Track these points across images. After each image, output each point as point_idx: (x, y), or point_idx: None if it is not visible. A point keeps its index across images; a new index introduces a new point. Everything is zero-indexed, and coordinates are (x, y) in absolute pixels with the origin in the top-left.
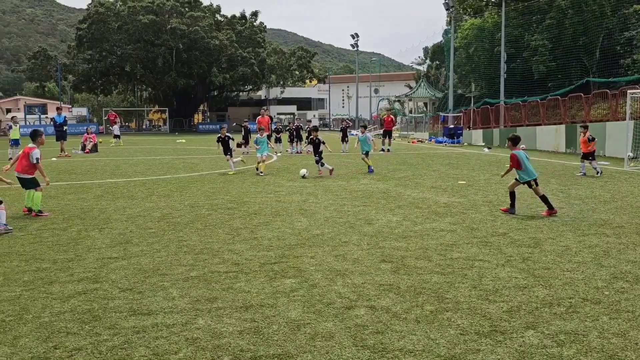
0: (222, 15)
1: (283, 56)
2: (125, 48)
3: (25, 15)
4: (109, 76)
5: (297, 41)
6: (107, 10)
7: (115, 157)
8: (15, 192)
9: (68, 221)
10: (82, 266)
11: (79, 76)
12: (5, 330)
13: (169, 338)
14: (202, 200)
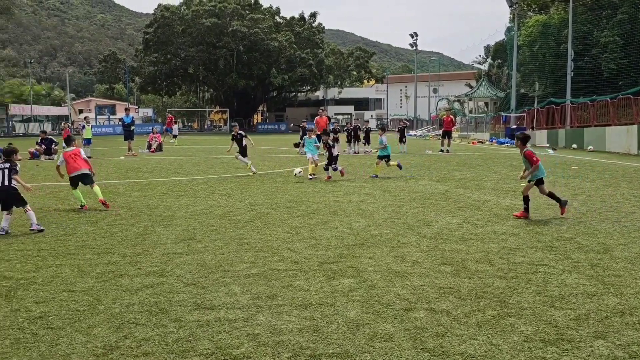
0: (281, 17)
1: (341, 57)
2: (188, 50)
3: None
4: (173, 78)
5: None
6: (172, 14)
7: (178, 156)
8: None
9: (136, 217)
10: (149, 261)
11: (145, 78)
12: (80, 319)
13: (231, 333)
14: (261, 199)
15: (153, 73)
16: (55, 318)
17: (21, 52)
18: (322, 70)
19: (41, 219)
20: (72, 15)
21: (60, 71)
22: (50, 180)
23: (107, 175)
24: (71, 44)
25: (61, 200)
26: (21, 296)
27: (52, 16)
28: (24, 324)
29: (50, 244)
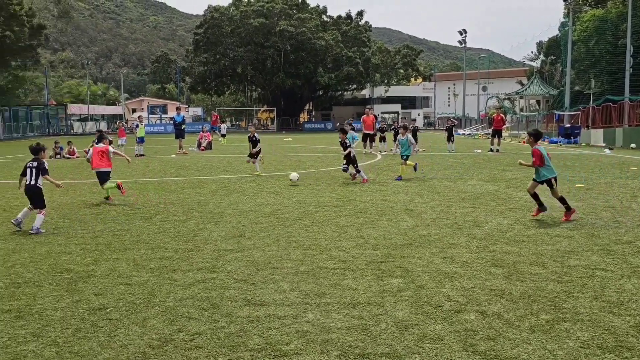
0: (328, 16)
1: (388, 55)
2: (237, 51)
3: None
4: (222, 77)
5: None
6: (222, 15)
7: (227, 154)
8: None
9: (187, 214)
10: (200, 256)
11: (195, 78)
12: (136, 312)
13: (280, 329)
14: (309, 198)
15: (203, 73)
16: (113, 310)
17: (79, 54)
18: (369, 69)
19: (98, 215)
20: (126, 17)
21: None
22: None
23: (159, 172)
24: (125, 45)
25: (117, 196)
26: (81, 288)
27: (108, 19)
28: (84, 315)
29: (107, 238)
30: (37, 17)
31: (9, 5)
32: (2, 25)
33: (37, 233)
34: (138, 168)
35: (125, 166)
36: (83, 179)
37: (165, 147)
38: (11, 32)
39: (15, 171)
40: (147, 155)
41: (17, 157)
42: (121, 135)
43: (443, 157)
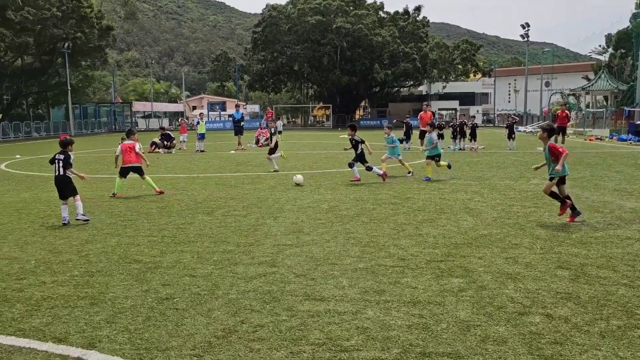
0: (385, 12)
1: (446, 50)
2: (294, 48)
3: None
4: (279, 75)
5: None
6: (279, 13)
7: (284, 151)
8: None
9: (247, 209)
10: (261, 251)
11: (253, 76)
12: (201, 303)
13: (340, 325)
14: (366, 195)
15: (260, 71)
16: (179, 300)
17: (143, 53)
18: (426, 65)
19: (163, 209)
20: (187, 17)
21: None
22: (170, 172)
23: (219, 168)
24: (186, 44)
25: (180, 190)
26: (149, 278)
27: (170, 19)
28: (153, 304)
29: (172, 231)
30: (106, 19)
31: (80, 9)
32: (73, 28)
33: (86, 221)
34: (199, 164)
35: (188, 162)
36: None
37: (224, 143)
38: (82, 33)
39: (85, 166)
40: (207, 151)
41: (87, 152)
42: (183, 132)
43: (503, 155)
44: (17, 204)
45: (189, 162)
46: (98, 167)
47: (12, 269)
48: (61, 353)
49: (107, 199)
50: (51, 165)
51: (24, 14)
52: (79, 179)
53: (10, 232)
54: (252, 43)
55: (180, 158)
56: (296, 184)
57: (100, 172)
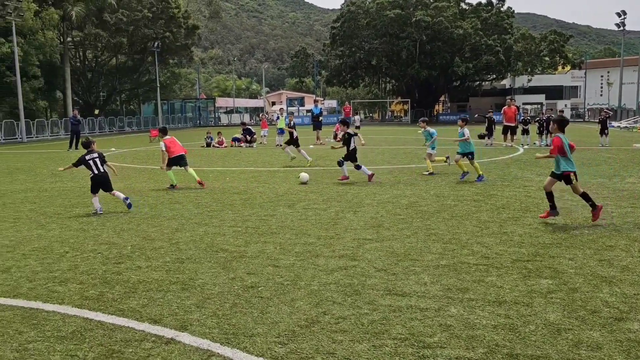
0: (467, 4)
1: (532, 41)
2: (372, 43)
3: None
4: (357, 70)
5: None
6: (358, 8)
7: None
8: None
9: (327, 202)
10: (341, 244)
11: (331, 71)
12: (285, 292)
13: (423, 321)
14: (447, 191)
15: (338, 66)
16: (263, 289)
17: (226, 51)
18: (510, 57)
19: (247, 200)
20: (267, 15)
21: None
22: (252, 166)
23: (299, 162)
24: (266, 42)
25: (262, 183)
26: (235, 267)
27: (251, 17)
28: (239, 292)
29: (255, 223)
30: (192, 19)
31: (169, 9)
32: (163, 28)
33: (130, 204)
34: (279, 158)
35: (269, 156)
36: (231, 166)
37: (303, 138)
38: (170, 33)
39: None
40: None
41: (186, 144)
42: (264, 127)
43: (595, 152)
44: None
45: (270, 156)
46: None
47: (111, 253)
48: (156, 333)
49: (194, 191)
50: (76, 167)
51: (119, 16)
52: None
53: (108, 219)
54: (330, 38)
55: (261, 152)
56: (301, 182)
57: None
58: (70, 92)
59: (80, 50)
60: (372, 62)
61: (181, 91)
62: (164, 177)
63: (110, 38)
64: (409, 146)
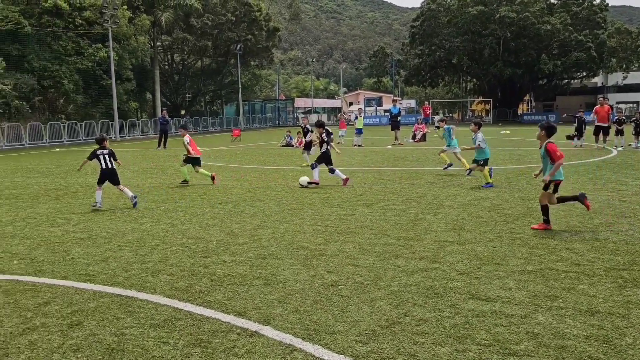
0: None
1: (628, 36)
2: (453, 41)
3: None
4: (437, 69)
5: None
6: (439, 6)
7: (441, 146)
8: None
9: (406, 203)
10: (421, 246)
11: (410, 70)
12: (365, 292)
13: (508, 327)
14: (533, 194)
15: (417, 65)
16: (343, 287)
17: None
18: (603, 54)
19: (326, 200)
20: (345, 15)
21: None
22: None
23: (376, 162)
24: (344, 42)
25: (340, 183)
26: (315, 265)
27: (330, 18)
28: (320, 289)
29: (334, 222)
30: (272, 21)
31: (251, 13)
32: (245, 31)
33: (136, 203)
34: (357, 158)
35: (347, 156)
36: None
37: (381, 138)
38: (252, 36)
39: (254, 157)
40: (364, 146)
41: (255, 144)
42: (342, 127)
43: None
44: (199, 190)
45: (348, 156)
46: (265, 158)
47: (198, 247)
48: (241, 326)
49: (275, 189)
50: (90, 160)
51: (204, 20)
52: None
53: (194, 215)
54: (409, 37)
55: (339, 152)
56: (300, 185)
57: (267, 163)
58: (159, 94)
59: (169, 53)
60: (453, 60)
61: (261, 92)
62: (246, 175)
63: (196, 42)
64: (490, 147)
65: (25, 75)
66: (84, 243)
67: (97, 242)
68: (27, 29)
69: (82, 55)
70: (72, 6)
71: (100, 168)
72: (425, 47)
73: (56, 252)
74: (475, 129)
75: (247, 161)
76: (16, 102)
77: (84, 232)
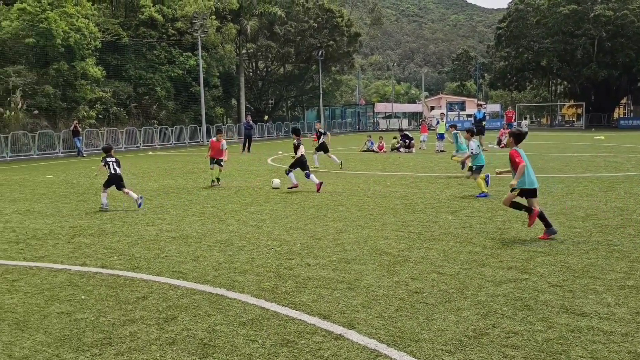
0: None
1: None
2: (542, 42)
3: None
4: (524, 72)
5: None
6: (527, 6)
7: (530, 152)
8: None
9: (492, 211)
10: (509, 255)
11: (495, 74)
12: (450, 300)
13: (607, 345)
14: (632, 204)
15: (503, 68)
16: (428, 295)
17: (385, 56)
18: None
19: (408, 205)
20: (427, 19)
21: (416, 71)
22: (412, 171)
23: (460, 168)
24: (426, 46)
25: (422, 189)
26: (399, 271)
27: (411, 22)
28: (404, 296)
29: (417, 228)
30: (354, 27)
31: (333, 19)
32: (327, 37)
33: (140, 204)
34: (439, 163)
35: (428, 161)
36: (391, 171)
37: None
38: (334, 41)
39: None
40: (447, 151)
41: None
42: (423, 132)
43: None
44: (283, 194)
45: (430, 162)
46: (346, 163)
47: (283, 249)
48: (326, 328)
49: (357, 194)
50: (104, 166)
51: (288, 28)
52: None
53: (279, 218)
54: (495, 39)
55: (421, 157)
56: (273, 187)
57: (348, 168)
58: (243, 100)
59: (253, 60)
60: (542, 62)
61: (342, 97)
62: (328, 179)
63: (279, 49)
64: (583, 153)
65: (123, 83)
66: (176, 242)
67: (188, 241)
68: (125, 40)
69: (174, 63)
70: (166, 17)
71: (108, 173)
72: (511, 49)
73: (151, 249)
74: (468, 136)
75: (328, 166)
76: (114, 109)
77: (176, 231)
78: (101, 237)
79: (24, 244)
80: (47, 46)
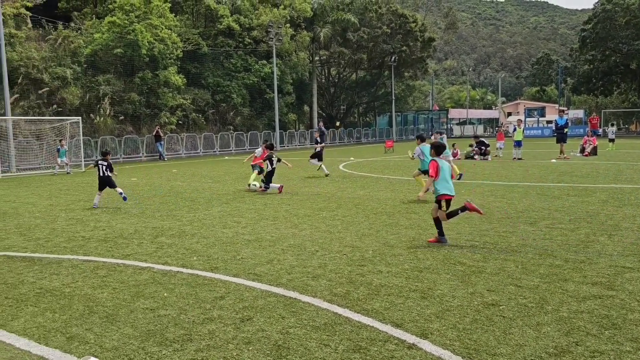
0: None
1: None
2: (632, 44)
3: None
4: (611, 76)
5: None
6: (615, 6)
7: (616, 161)
8: None
9: (574, 223)
10: (594, 270)
11: (578, 78)
12: (529, 315)
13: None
14: None
15: (588, 72)
16: (505, 308)
17: (460, 61)
18: None
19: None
20: (505, 22)
21: (492, 76)
22: (487, 179)
23: (539, 177)
24: (503, 49)
25: (499, 198)
26: (474, 282)
27: (488, 25)
28: (479, 308)
29: (493, 238)
30: (428, 32)
31: (406, 24)
32: (400, 42)
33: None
34: (517, 172)
35: (505, 169)
36: (466, 179)
37: (543, 151)
38: (407, 47)
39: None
40: (525, 159)
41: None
42: (500, 139)
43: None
44: (355, 200)
45: (506, 170)
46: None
47: (355, 255)
48: (398, 337)
49: (430, 201)
50: (94, 167)
51: (360, 34)
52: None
53: (351, 224)
54: (579, 42)
55: (497, 165)
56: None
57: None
58: (315, 106)
59: (326, 67)
60: (632, 65)
61: (414, 103)
62: (401, 186)
63: (352, 55)
64: None
65: (202, 91)
66: (251, 245)
67: (262, 244)
68: (204, 49)
69: (249, 71)
70: (242, 27)
71: (97, 175)
72: (597, 52)
73: (228, 251)
74: (418, 142)
75: (401, 172)
76: (193, 115)
77: (251, 234)
78: (181, 237)
79: (112, 242)
80: (134, 56)
